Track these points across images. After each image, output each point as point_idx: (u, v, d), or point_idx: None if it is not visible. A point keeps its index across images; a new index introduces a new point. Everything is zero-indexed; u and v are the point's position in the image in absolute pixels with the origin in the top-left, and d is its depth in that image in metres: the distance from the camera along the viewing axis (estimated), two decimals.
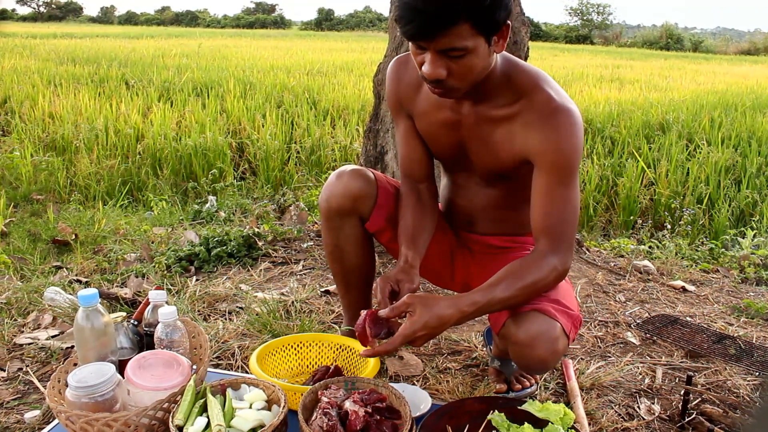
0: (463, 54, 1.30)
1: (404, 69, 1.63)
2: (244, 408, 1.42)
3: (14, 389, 1.85)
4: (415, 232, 1.65)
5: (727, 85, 11.97)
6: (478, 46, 1.31)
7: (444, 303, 1.37)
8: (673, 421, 1.74)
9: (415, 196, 1.72)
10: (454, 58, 1.32)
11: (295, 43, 22.02)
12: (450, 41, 1.28)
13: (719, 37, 55.86)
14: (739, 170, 5.46)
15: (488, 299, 1.39)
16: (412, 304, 1.38)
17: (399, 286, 1.54)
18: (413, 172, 1.73)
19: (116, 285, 2.63)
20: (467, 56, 1.31)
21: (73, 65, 10.99)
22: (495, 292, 1.40)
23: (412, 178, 1.74)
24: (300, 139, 5.91)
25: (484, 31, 1.30)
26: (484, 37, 1.31)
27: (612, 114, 7.48)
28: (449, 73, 1.34)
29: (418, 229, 1.66)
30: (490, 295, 1.40)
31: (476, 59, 1.33)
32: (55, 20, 64.59)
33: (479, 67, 1.35)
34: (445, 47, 1.29)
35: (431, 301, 1.37)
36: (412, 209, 1.69)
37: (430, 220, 1.71)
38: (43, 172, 4.93)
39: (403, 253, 1.62)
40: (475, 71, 1.35)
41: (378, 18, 65.07)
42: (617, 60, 20.10)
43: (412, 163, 1.73)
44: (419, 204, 1.71)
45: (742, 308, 2.56)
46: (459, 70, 1.33)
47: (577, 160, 1.45)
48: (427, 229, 1.69)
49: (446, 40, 1.28)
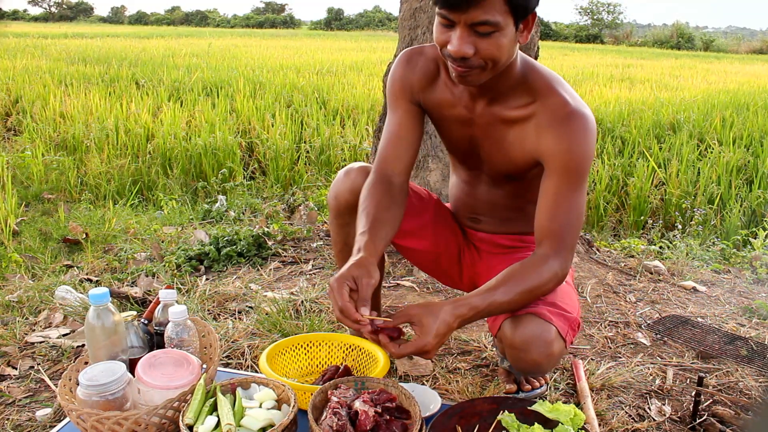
0: (492, 31, 1.31)
1: (418, 58, 1.61)
2: (253, 407, 1.42)
3: (26, 387, 1.86)
4: (376, 223, 1.51)
5: (738, 84, 11.88)
6: (507, 27, 1.31)
7: (446, 308, 1.36)
8: (684, 422, 1.73)
9: (384, 188, 1.58)
10: (483, 36, 1.31)
11: (305, 43, 22.05)
12: (482, 13, 1.28)
13: (731, 36, 55.48)
14: (750, 170, 5.42)
15: (488, 303, 1.39)
16: (416, 315, 1.36)
17: (356, 283, 1.38)
18: (393, 161, 1.61)
19: (127, 284, 2.64)
20: (495, 34, 1.31)
21: (83, 65, 11.05)
22: (495, 296, 1.39)
23: (388, 168, 1.61)
24: (309, 139, 5.92)
25: (515, 12, 1.30)
26: (514, 19, 1.32)
27: (622, 113, 7.45)
28: (476, 52, 1.33)
29: (381, 221, 1.52)
30: (490, 299, 1.39)
31: (503, 39, 1.32)
32: (66, 20, 65.07)
33: (505, 49, 1.34)
34: (476, 20, 1.29)
35: (435, 309, 1.36)
36: (378, 199, 1.55)
37: (393, 215, 1.57)
38: (54, 172, 4.96)
39: (359, 244, 1.47)
40: (501, 53, 1.35)
41: (387, 17, 65.04)
42: (627, 59, 19.99)
43: (397, 150, 1.61)
44: (386, 196, 1.57)
45: (754, 309, 2.54)
46: (486, 48, 1.33)
47: (588, 165, 1.45)
48: (389, 223, 1.54)
49: (479, 12, 1.28)
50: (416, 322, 1.36)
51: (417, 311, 1.36)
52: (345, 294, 1.36)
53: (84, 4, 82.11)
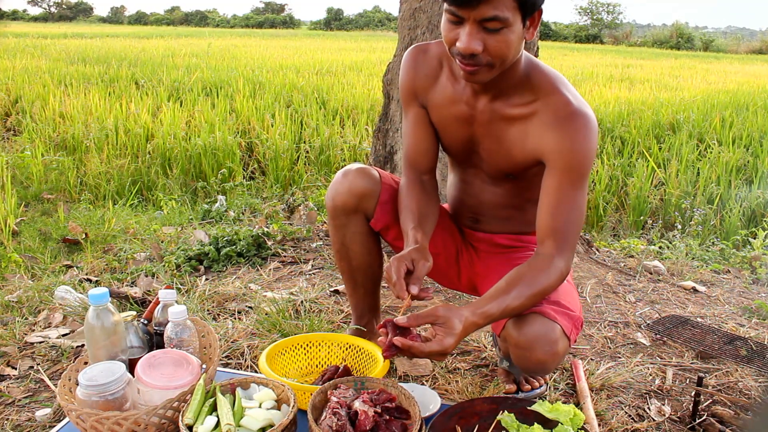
0: (501, 27, 1.31)
1: (422, 57, 1.63)
2: (253, 407, 1.42)
3: (25, 387, 1.86)
4: (421, 216, 1.63)
5: (738, 84, 11.88)
6: (515, 23, 1.32)
7: (466, 314, 1.36)
8: (684, 422, 1.73)
9: (419, 187, 1.70)
10: (491, 32, 1.32)
11: (305, 43, 22.04)
12: (492, 9, 1.29)
13: (730, 36, 55.43)
14: (750, 170, 5.42)
15: (502, 309, 1.40)
16: (443, 316, 1.35)
17: (414, 265, 1.49)
18: (418, 163, 1.72)
19: (126, 284, 2.64)
20: (504, 31, 1.32)
21: (83, 65, 11.05)
22: (507, 302, 1.40)
23: (416, 169, 1.72)
24: (309, 139, 5.92)
25: (523, 8, 1.32)
26: (522, 16, 1.33)
27: (622, 114, 7.45)
28: (484, 48, 1.34)
29: (424, 214, 1.65)
30: (504, 305, 1.40)
31: (512, 36, 1.33)
32: (65, 20, 65.07)
33: (513, 46, 1.35)
34: (486, 16, 1.30)
35: (458, 313, 1.36)
36: (417, 197, 1.67)
37: (434, 210, 1.70)
38: (53, 172, 4.95)
39: (412, 235, 1.58)
40: (509, 49, 1.35)
41: (387, 18, 65.01)
42: (627, 59, 19.99)
43: (418, 154, 1.72)
44: (423, 194, 1.69)
45: (754, 309, 2.54)
46: (494, 44, 1.33)
47: (590, 164, 1.46)
48: (431, 217, 1.67)
49: (489, 8, 1.29)
50: (443, 322, 1.35)
51: (444, 312, 1.36)
52: (402, 271, 1.47)
53: (83, 4, 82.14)
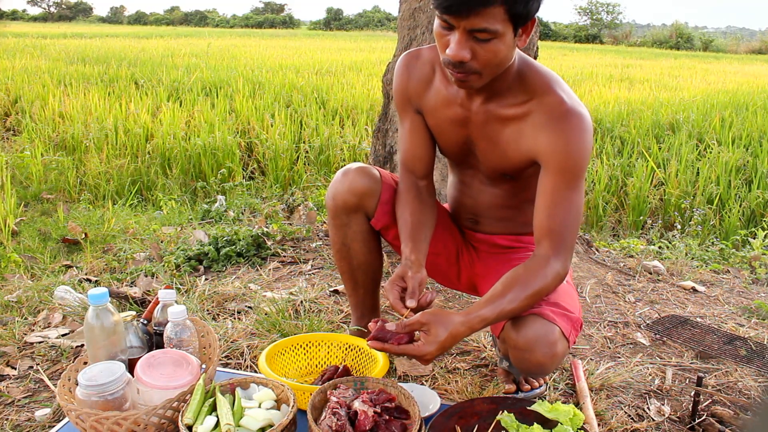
0: (490, 38, 1.31)
1: (415, 63, 1.63)
2: (253, 407, 1.42)
3: (25, 387, 1.86)
4: (415, 228, 1.65)
5: (737, 84, 11.88)
6: (505, 33, 1.32)
7: (457, 320, 1.38)
8: (684, 422, 1.73)
9: (415, 193, 1.71)
10: (481, 42, 1.32)
11: (304, 43, 22.03)
12: (482, 21, 1.28)
13: (730, 36, 55.44)
14: (750, 170, 5.41)
15: (497, 313, 1.40)
16: (426, 323, 1.38)
17: (406, 282, 1.55)
18: (415, 168, 1.73)
19: (126, 284, 2.64)
20: (494, 41, 1.32)
21: (83, 65, 11.04)
22: (503, 305, 1.41)
23: (413, 174, 1.73)
24: (309, 139, 5.92)
25: (515, 19, 1.31)
26: (513, 26, 1.32)
27: (621, 114, 7.45)
28: (473, 57, 1.34)
29: (419, 225, 1.66)
30: (499, 309, 1.40)
31: (501, 46, 1.33)
32: (65, 20, 65.04)
33: (502, 55, 1.35)
34: (475, 27, 1.30)
35: (446, 320, 1.37)
36: (411, 205, 1.69)
37: (430, 216, 1.71)
38: (53, 172, 4.95)
39: (404, 250, 1.62)
40: (498, 59, 1.36)
41: (387, 18, 64.99)
42: (627, 59, 20.00)
43: (414, 159, 1.72)
44: (418, 200, 1.70)
45: (753, 309, 2.54)
46: (483, 54, 1.33)
47: (585, 164, 1.46)
48: (427, 224, 1.69)
49: (479, 19, 1.28)
50: (425, 329, 1.38)
51: (428, 319, 1.38)
52: (396, 293, 1.54)
53: (83, 4, 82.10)
